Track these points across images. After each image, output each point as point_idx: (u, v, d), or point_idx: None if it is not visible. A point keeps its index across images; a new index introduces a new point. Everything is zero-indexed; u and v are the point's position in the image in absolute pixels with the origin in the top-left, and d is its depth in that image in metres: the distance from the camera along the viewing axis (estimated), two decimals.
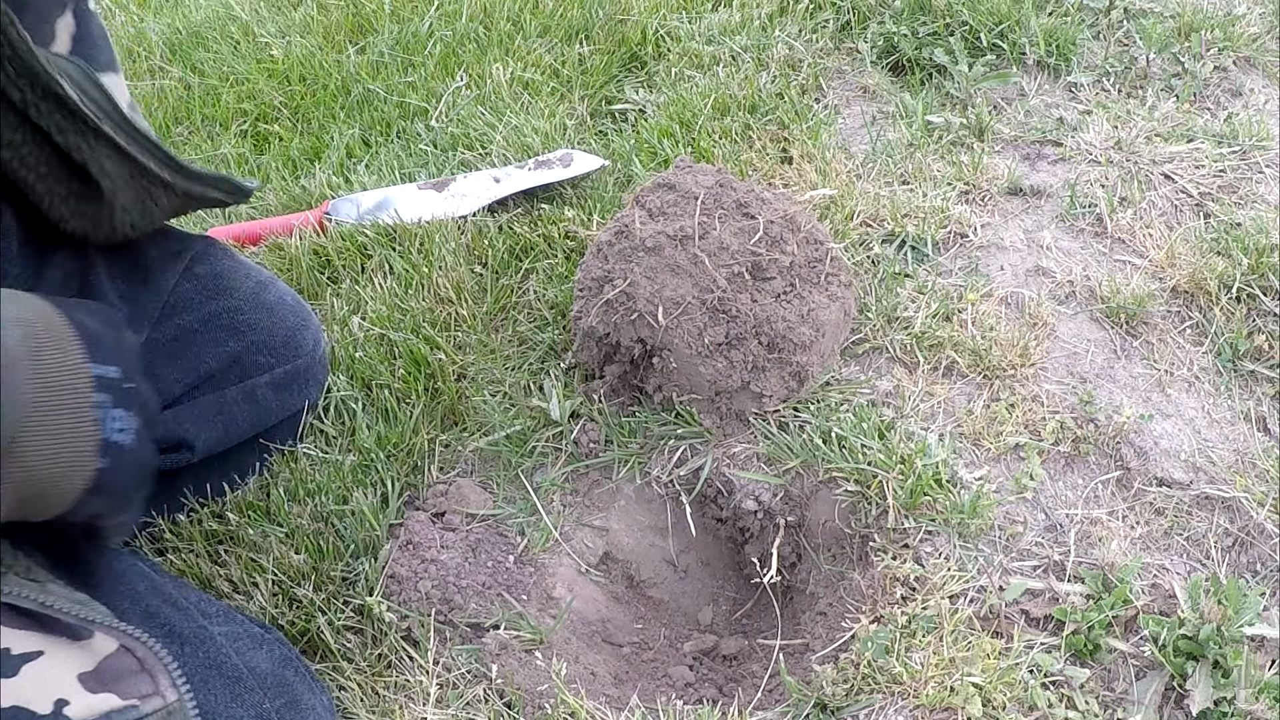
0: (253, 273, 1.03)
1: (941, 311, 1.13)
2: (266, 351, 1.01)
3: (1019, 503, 0.98)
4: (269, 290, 1.03)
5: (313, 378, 1.07)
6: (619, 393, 1.10)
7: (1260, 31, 1.51)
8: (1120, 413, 1.03)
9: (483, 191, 1.33)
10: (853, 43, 1.57)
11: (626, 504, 1.07)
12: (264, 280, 1.03)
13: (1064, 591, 0.90)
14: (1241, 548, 0.95)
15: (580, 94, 1.52)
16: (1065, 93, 1.46)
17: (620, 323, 1.04)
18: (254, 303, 1.01)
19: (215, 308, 0.98)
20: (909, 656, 0.86)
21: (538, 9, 1.67)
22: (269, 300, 1.02)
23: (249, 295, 1.00)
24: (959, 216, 1.24)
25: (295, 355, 1.03)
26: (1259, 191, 1.27)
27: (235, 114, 1.59)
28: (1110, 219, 1.24)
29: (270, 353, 1.01)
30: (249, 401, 1.00)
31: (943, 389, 1.07)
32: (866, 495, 0.98)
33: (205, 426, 0.97)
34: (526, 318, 1.20)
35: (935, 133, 1.38)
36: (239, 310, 0.99)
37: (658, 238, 1.03)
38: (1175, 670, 0.84)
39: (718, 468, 1.05)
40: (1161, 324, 1.14)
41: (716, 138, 1.38)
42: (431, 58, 1.60)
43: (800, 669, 0.93)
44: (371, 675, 0.91)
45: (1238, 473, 1.00)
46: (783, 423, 1.06)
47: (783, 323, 1.01)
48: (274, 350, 1.02)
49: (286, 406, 1.05)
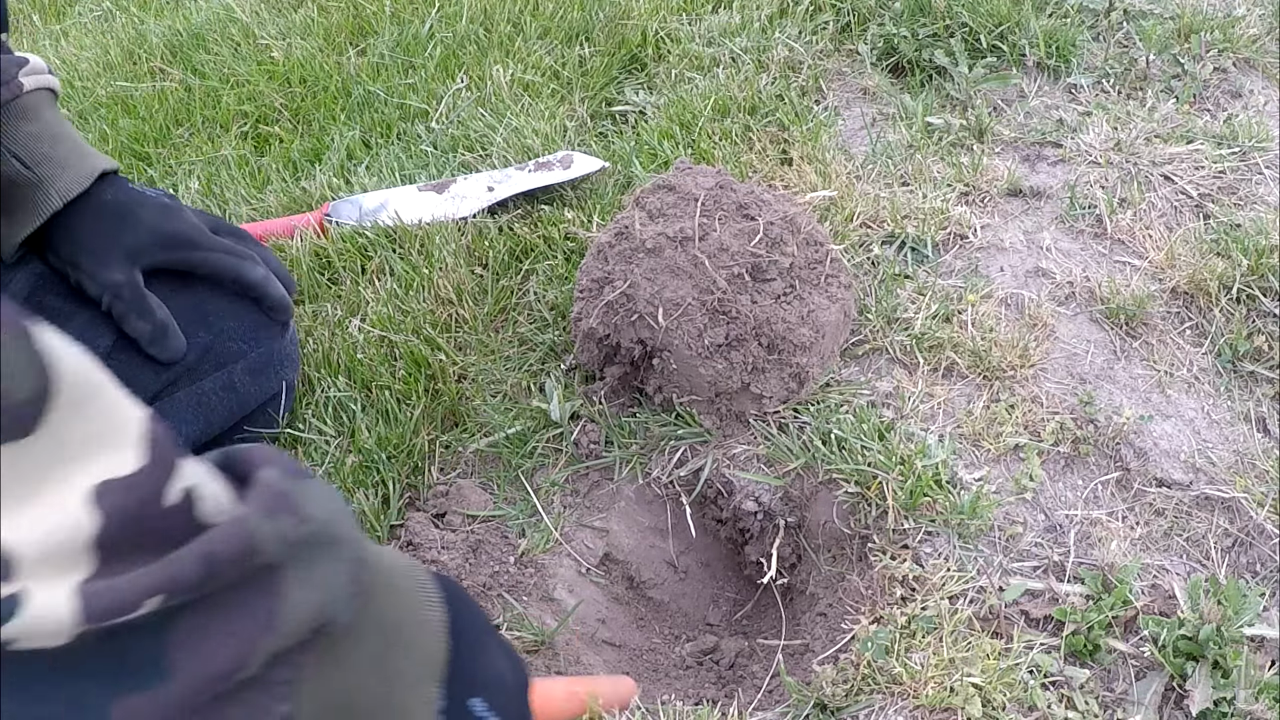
0: None
1: (941, 312, 1.13)
2: (238, 338, 1.01)
3: (1019, 503, 0.98)
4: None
5: (287, 357, 1.07)
6: (619, 394, 1.10)
7: (1260, 33, 1.51)
8: (1120, 413, 1.04)
9: (483, 193, 1.33)
10: (853, 44, 1.57)
11: (627, 505, 1.07)
12: None
13: (1064, 592, 0.90)
14: (1241, 548, 0.96)
15: (580, 96, 1.52)
16: (1065, 94, 1.46)
17: (620, 324, 1.04)
18: (218, 291, 1.00)
19: (180, 302, 0.97)
20: (909, 657, 0.87)
21: (538, 11, 1.67)
22: None
23: None
24: (959, 218, 1.25)
25: (267, 337, 1.03)
26: (1259, 193, 1.27)
27: (236, 116, 1.60)
28: (1110, 220, 1.24)
29: (242, 339, 1.01)
30: (227, 391, 1.00)
31: (942, 390, 1.07)
32: (866, 496, 0.98)
33: (185, 422, 0.97)
34: (527, 319, 1.20)
35: (935, 134, 1.39)
36: (205, 300, 0.99)
37: (658, 239, 1.03)
38: (1175, 670, 0.84)
39: (718, 469, 1.05)
40: (1161, 325, 1.14)
41: (716, 139, 1.38)
42: (432, 60, 1.61)
43: (800, 669, 0.94)
44: None
45: (1237, 473, 1.00)
46: (783, 424, 1.06)
47: (783, 324, 1.01)
48: (245, 336, 1.01)
49: (264, 390, 1.04)
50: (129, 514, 0.40)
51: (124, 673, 0.41)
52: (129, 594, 0.39)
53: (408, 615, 0.56)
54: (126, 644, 0.41)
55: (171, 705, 0.42)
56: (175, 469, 0.43)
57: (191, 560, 0.41)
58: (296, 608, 0.46)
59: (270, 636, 0.45)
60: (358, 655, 0.51)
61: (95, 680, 0.41)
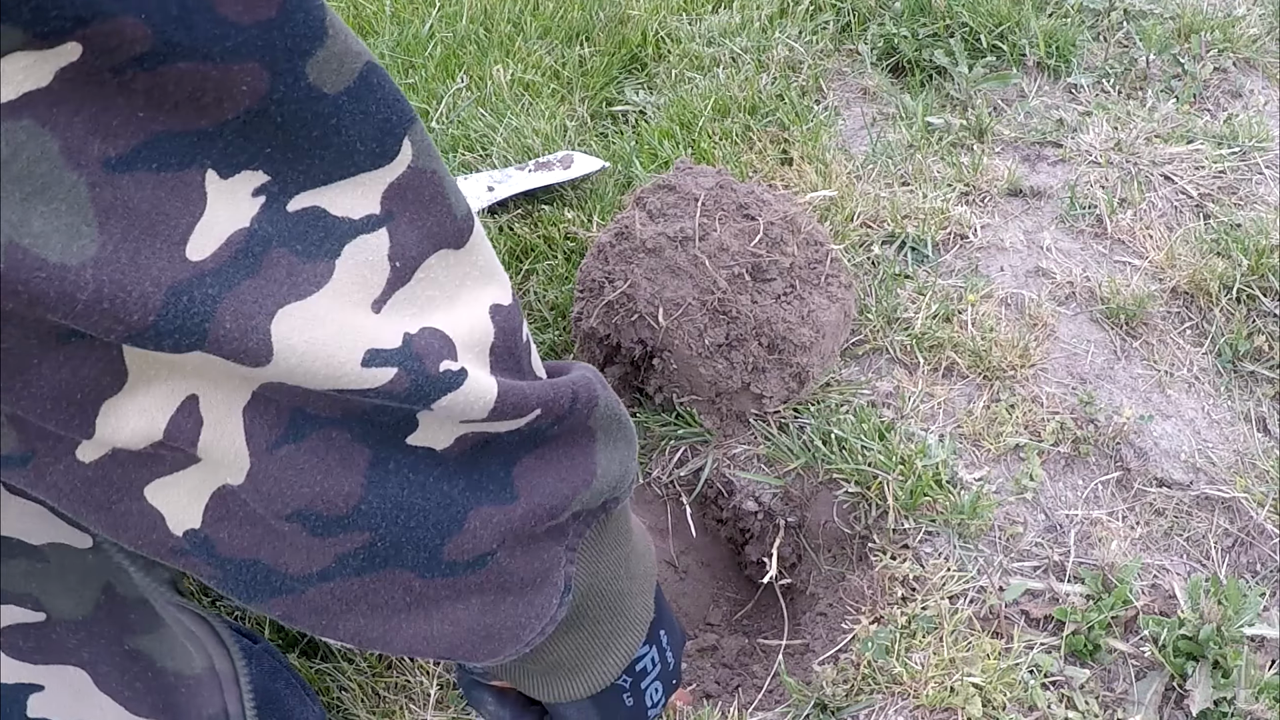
0: None
1: (941, 312, 1.13)
2: None
3: (1019, 503, 0.98)
4: None
5: None
6: (620, 394, 1.10)
7: (1260, 33, 1.52)
8: (1120, 413, 1.04)
9: (483, 193, 1.33)
10: (853, 44, 1.57)
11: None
12: None
13: (1064, 592, 0.90)
14: (1241, 548, 0.96)
15: (580, 96, 1.52)
16: (1065, 94, 1.46)
17: (621, 324, 1.04)
18: None
19: None
20: (909, 657, 0.87)
21: (538, 11, 1.67)
22: None
23: None
24: (959, 218, 1.25)
25: None
26: (1259, 192, 1.27)
27: None
28: (1110, 220, 1.24)
29: None
30: None
31: (943, 390, 1.07)
32: (866, 496, 0.98)
33: None
34: (527, 319, 1.20)
35: (935, 134, 1.39)
36: None
37: (658, 239, 1.03)
38: (1175, 670, 0.84)
39: (718, 469, 1.05)
40: (1161, 325, 1.14)
41: (717, 139, 1.38)
42: (432, 59, 1.61)
43: (800, 669, 0.94)
44: (372, 676, 0.91)
45: (1238, 473, 1.00)
46: (783, 424, 1.06)
47: (783, 324, 1.01)
48: None
49: None
50: (508, 333, 0.47)
51: (482, 487, 0.48)
52: (523, 400, 0.46)
53: (638, 529, 0.63)
54: (485, 465, 0.48)
55: (515, 521, 0.48)
56: (523, 319, 0.50)
57: (564, 393, 0.48)
58: (606, 474, 0.52)
59: (585, 491, 0.51)
60: (615, 546, 0.58)
61: (460, 487, 0.47)
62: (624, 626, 0.61)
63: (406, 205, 0.42)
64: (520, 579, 0.51)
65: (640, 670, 0.64)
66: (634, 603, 0.61)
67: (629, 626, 0.61)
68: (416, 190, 0.42)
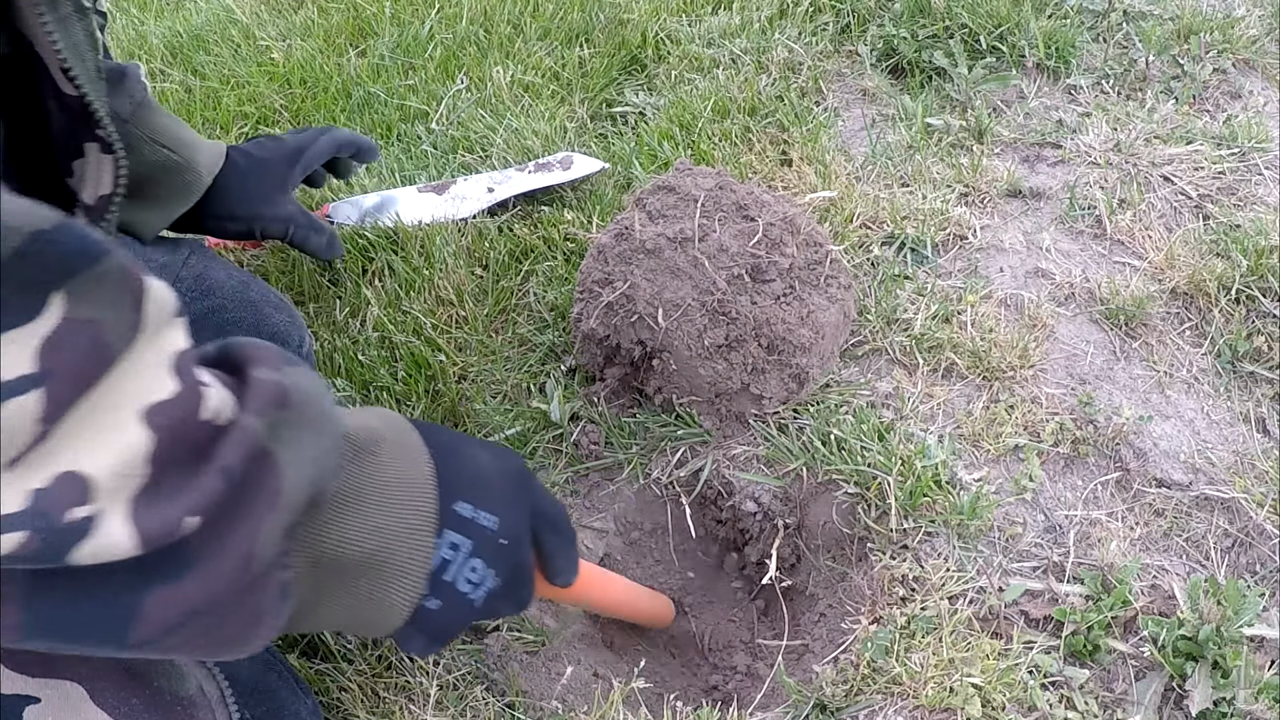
0: (234, 271, 1.03)
1: (941, 313, 1.13)
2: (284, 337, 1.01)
3: (1018, 504, 0.98)
4: (251, 288, 1.02)
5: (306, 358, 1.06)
6: (619, 395, 1.10)
7: (1259, 34, 1.52)
8: (1119, 414, 1.04)
9: (483, 194, 1.34)
10: (852, 45, 1.57)
11: (627, 505, 1.07)
12: (245, 279, 1.03)
13: (1063, 592, 0.90)
14: (1241, 548, 0.96)
15: (580, 97, 1.52)
16: (1064, 95, 1.47)
17: (620, 325, 1.04)
18: (238, 300, 1.00)
19: (200, 308, 0.97)
20: (908, 657, 0.87)
21: (538, 12, 1.67)
22: (253, 298, 1.01)
23: (233, 294, 1.00)
24: (958, 218, 1.25)
25: None
26: (1258, 193, 1.27)
27: (236, 117, 1.60)
28: (1109, 221, 1.24)
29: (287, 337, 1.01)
30: None
31: (942, 390, 1.07)
32: (866, 497, 0.98)
33: None
34: (527, 320, 1.20)
35: (935, 135, 1.39)
36: (224, 309, 0.99)
37: (658, 240, 1.03)
38: (1175, 671, 0.84)
39: (718, 469, 1.05)
40: (1161, 325, 1.14)
41: (716, 140, 1.38)
42: (432, 61, 1.61)
43: (800, 669, 0.94)
44: (371, 676, 0.91)
45: (1237, 474, 1.00)
46: (782, 424, 1.06)
47: (782, 325, 1.01)
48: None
49: None
50: (175, 425, 0.45)
51: (154, 569, 0.45)
52: (173, 517, 0.44)
53: (392, 467, 0.59)
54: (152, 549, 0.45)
55: (199, 592, 0.46)
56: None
57: (212, 480, 0.46)
58: (295, 486, 0.50)
59: (276, 514, 0.49)
60: (345, 516, 0.55)
61: (123, 578, 0.45)
62: (390, 573, 0.57)
63: (63, 358, 0.41)
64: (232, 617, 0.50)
65: (438, 569, 0.59)
66: (396, 543, 0.57)
67: (397, 570, 0.57)
68: (73, 343, 0.42)
